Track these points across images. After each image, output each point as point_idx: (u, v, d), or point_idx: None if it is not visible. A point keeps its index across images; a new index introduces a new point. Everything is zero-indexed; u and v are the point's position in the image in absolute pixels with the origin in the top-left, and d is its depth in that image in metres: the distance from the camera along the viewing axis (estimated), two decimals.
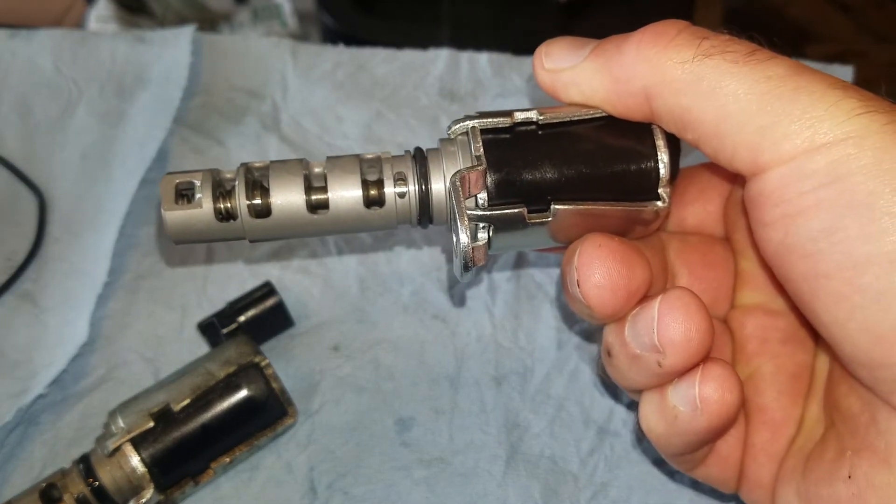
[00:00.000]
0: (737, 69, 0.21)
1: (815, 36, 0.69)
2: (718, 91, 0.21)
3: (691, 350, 0.22)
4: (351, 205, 0.25)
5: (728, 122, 0.21)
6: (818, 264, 0.20)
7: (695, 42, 0.22)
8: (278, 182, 0.25)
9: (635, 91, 0.23)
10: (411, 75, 0.46)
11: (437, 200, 0.25)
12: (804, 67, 0.21)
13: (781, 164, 0.20)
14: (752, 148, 0.21)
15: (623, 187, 0.24)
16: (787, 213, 0.20)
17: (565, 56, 0.24)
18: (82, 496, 0.29)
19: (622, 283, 0.23)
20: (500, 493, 0.32)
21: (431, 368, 0.35)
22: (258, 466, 0.33)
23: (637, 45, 0.23)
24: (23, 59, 0.46)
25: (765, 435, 0.26)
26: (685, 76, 0.21)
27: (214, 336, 0.34)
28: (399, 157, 0.25)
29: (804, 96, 0.20)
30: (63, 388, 0.35)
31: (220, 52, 0.47)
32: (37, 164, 0.42)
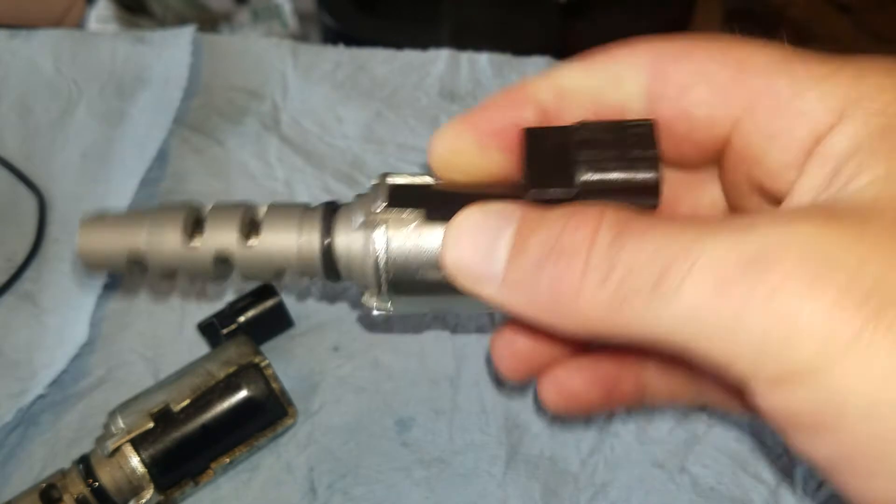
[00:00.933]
0: (655, 311, 0.16)
1: (816, 36, 0.69)
2: (655, 333, 0.17)
3: (515, 371, 0.25)
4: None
5: (684, 356, 0.17)
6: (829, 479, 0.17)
7: (599, 284, 0.17)
8: (165, 227, 0.23)
9: (573, 331, 0.19)
10: (411, 75, 0.46)
11: (341, 256, 0.23)
12: (731, 275, 0.16)
13: (761, 396, 0.17)
14: (727, 376, 0.17)
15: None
16: (790, 432, 0.17)
17: (478, 263, 0.19)
18: (82, 497, 0.29)
19: (522, 369, 0.25)
20: (500, 494, 0.32)
21: (431, 369, 0.35)
22: (258, 467, 0.33)
23: (549, 283, 0.18)
24: (23, 60, 0.46)
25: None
26: (612, 322, 0.18)
27: (214, 336, 0.34)
28: (310, 211, 0.24)
29: (751, 320, 0.15)
30: (63, 388, 0.35)
31: (220, 53, 0.47)
32: (37, 165, 0.43)
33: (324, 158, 0.43)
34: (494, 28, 0.67)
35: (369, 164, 0.42)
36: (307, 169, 0.42)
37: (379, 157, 0.43)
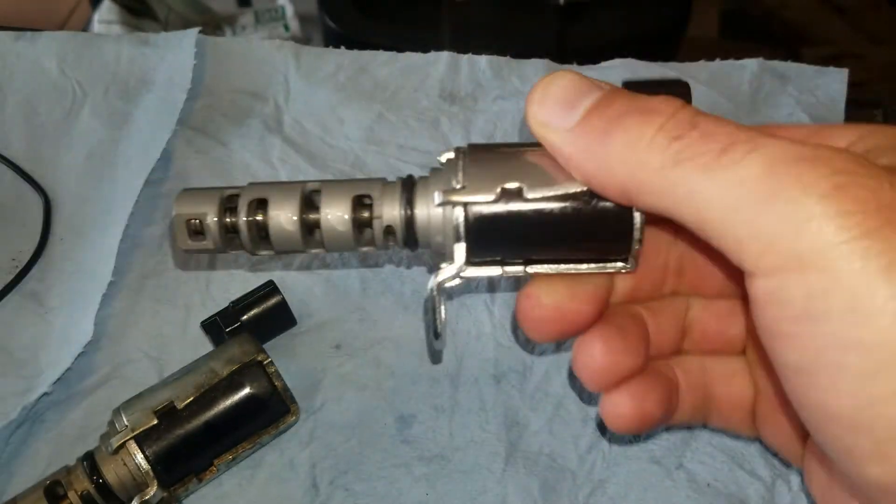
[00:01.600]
0: (708, 176, 0.19)
1: (811, 38, 0.70)
2: (692, 199, 0.20)
3: (597, 380, 0.26)
4: (342, 226, 0.26)
5: (707, 228, 0.20)
6: (797, 395, 0.20)
7: (665, 145, 0.20)
8: (276, 203, 0.26)
9: (615, 185, 0.22)
10: (412, 78, 0.46)
11: (421, 227, 0.26)
12: (784, 160, 0.18)
13: (762, 278, 0.19)
14: (736, 256, 0.20)
15: (596, 252, 0.25)
16: (770, 333, 0.20)
17: (557, 112, 0.23)
18: (87, 493, 0.29)
19: (549, 328, 0.26)
20: (500, 490, 0.32)
21: (432, 367, 0.36)
22: (261, 464, 0.33)
23: (622, 138, 0.21)
24: (28, 62, 0.47)
25: (768, 408, 0.27)
26: (660, 182, 0.20)
27: (218, 335, 0.35)
28: (390, 185, 0.27)
29: (779, 206, 0.18)
30: (68, 386, 0.35)
31: (223, 55, 0.47)
32: (42, 166, 0.43)
33: (326, 159, 0.43)
34: (494, 30, 0.68)
35: (370, 165, 0.43)
36: (309, 170, 0.42)
37: (380, 157, 0.43)
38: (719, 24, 0.70)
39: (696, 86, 0.45)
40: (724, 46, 0.53)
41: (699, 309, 0.29)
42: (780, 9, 0.72)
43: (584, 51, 0.62)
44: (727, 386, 0.28)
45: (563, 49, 0.67)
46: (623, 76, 0.46)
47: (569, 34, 0.66)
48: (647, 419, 0.26)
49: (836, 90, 0.45)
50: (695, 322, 0.29)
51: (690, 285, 0.29)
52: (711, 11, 0.70)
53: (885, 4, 0.71)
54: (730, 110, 0.45)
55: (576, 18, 0.67)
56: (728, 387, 0.28)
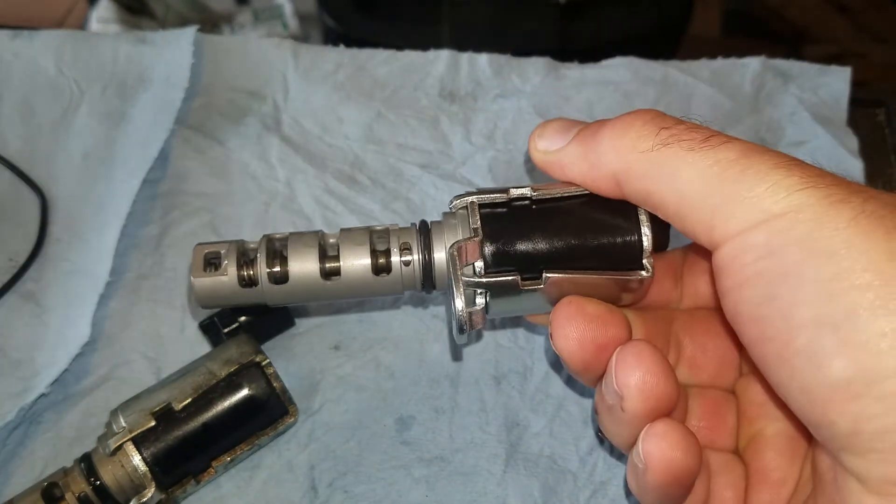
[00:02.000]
0: (691, 156, 0.23)
1: (814, 37, 0.70)
2: (675, 176, 0.23)
3: (646, 391, 0.24)
4: (361, 272, 0.27)
5: (685, 203, 0.23)
6: (762, 329, 0.22)
7: (655, 132, 0.24)
8: (296, 252, 0.28)
9: (606, 176, 0.25)
10: (411, 76, 0.46)
11: (439, 268, 0.27)
12: (755, 150, 0.22)
13: (729, 240, 0.22)
14: (707, 226, 0.23)
15: (610, 258, 0.26)
16: (735, 283, 0.22)
17: (554, 138, 0.27)
18: (84, 495, 0.29)
19: (589, 336, 0.26)
20: (500, 492, 0.32)
21: (431, 367, 0.36)
22: (259, 465, 0.33)
23: (609, 134, 0.25)
24: (25, 60, 0.46)
25: (765, 496, 0.27)
26: (646, 164, 0.24)
27: (215, 335, 0.34)
28: (405, 229, 0.28)
29: (750, 177, 0.22)
30: (65, 387, 0.35)
31: (221, 53, 0.47)
32: (39, 165, 0.43)
33: (325, 159, 0.43)
34: (494, 28, 0.68)
35: (370, 165, 0.43)
36: (308, 169, 0.42)
37: (379, 157, 0.43)
38: (721, 23, 0.70)
39: (698, 84, 0.45)
40: (726, 45, 0.53)
41: (695, 397, 0.30)
42: (783, 7, 0.71)
43: (585, 49, 0.62)
44: (726, 477, 0.28)
45: (564, 48, 0.67)
46: (624, 75, 0.46)
47: (569, 32, 0.66)
48: (687, 471, 0.24)
49: (839, 89, 0.44)
50: (692, 413, 0.29)
51: (689, 365, 0.30)
52: (713, 10, 0.70)
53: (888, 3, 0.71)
54: (731, 109, 0.44)
55: (577, 17, 0.67)
56: (727, 478, 0.28)
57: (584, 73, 0.46)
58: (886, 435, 0.19)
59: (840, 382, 0.20)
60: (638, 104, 0.45)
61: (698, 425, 0.29)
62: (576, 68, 0.46)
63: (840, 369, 0.20)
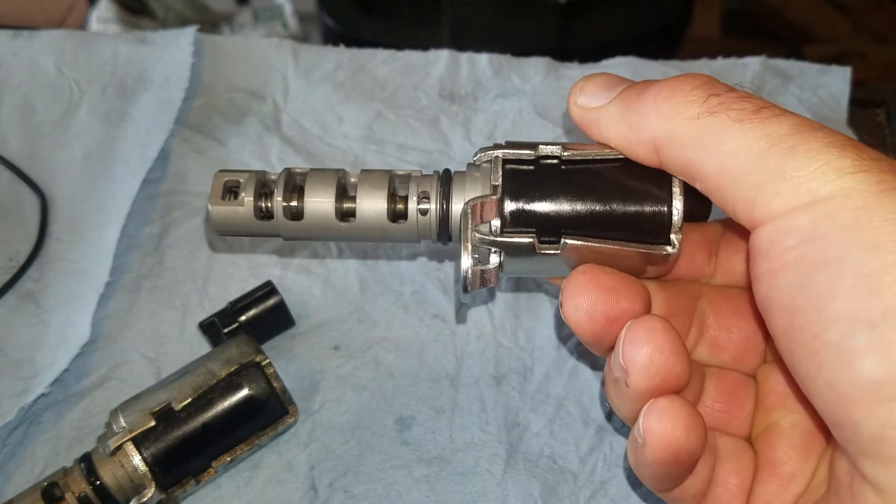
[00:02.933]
0: (739, 127, 0.21)
1: (814, 37, 0.70)
2: (719, 148, 0.22)
3: (652, 369, 0.23)
4: (376, 216, 0.27)
5: (727, 177, 0.22)
6: (794, 318, 0.20)
7: (703, 98, 0.22)
8: (313, 188, 0.27)
9: (645, 141, 0.24)
10: (411, 76, 0.46)
11: (456, 220, 0.26)
12: (809, 125, 0.21)
13: (771, 220, 0.21)
14: (748, 203, 0.21)
15: (635, 229, 0.25)
16: (771, 268, 0.21)
17: (596, 95, 0.26)
18: (84, 495, 0.29)
19: (600, 308, 0.24)
20: (500, 492, 0.32)
21: (431, 368, 0.36)
22: (259, 465, 0.33)
23: (654, 96, 0.23)
24: (25, 60, 0.46)
25: (771, 487, 0.26)
26: (690, 132, 0.22)
27: (216, 335, 0.34)
28: (427, 177, 0.27)
29: (800, 155, 0.20)
30: (65, 387, 0.35)
31: (221, 53, 0.47)
32: (39, 165, 0.43)
33: (324, 159, 0.43)
34: (494, 28, 0.68)
35: (370, 164, 0.43)
36: None
37: (379, 157, 0.43)
38: (721, 23, 0.70)
39: None
40: (726, 45, 0.53)
41: (714, 379, 0.29)
42: (783, 7, 0.71)
43: (585, 49, 0.62)
44: (733, 463, 0.27)
45: (564, 47, 0.67)
46: (624, 75, 0.46)
47: (570, 32, 0.66)
48: (688, 450, 0.24)
49: (839, 89, 0.44)
50: (707, 394, 0.28)
51: (710, 345, 0.29)
52: (714, 10, 0.70)
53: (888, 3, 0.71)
54: None
55: (577, 16, 0.67)
56: (734, 464, 0.27)
57: (584, 73, 0.46)
58: None
59: (870, 383, 0.19)
60: None
61: (712, 406, 0.28)
62: (576, 68, 0.46)
63: (871, 369, 0.19)
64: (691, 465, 0.25)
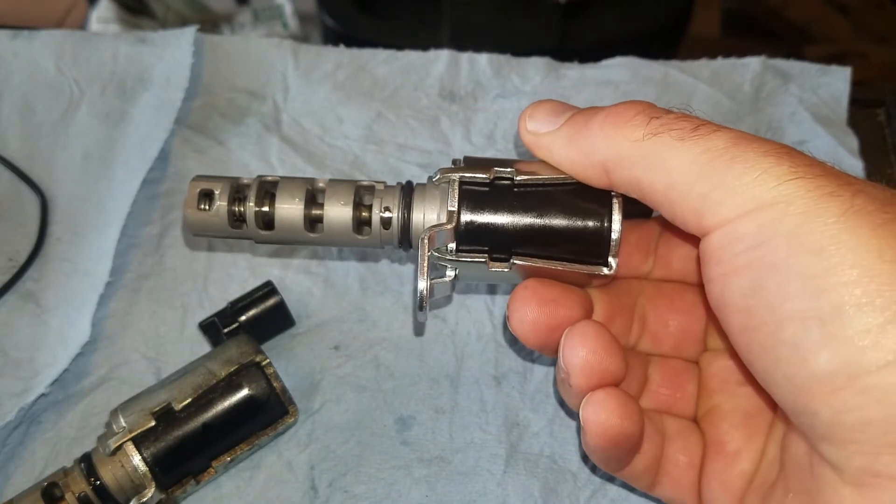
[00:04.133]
0: (681, 144, 0.23)
1: (814, 37, 0.70)
2: (665, 165, 0.23)
3: (588, 369, 0.26)
4: (342, 224, 0.29)
5: (675, 191, 0.23)
6: (748, 319, 0.22)
7: (646, 122, 0.24)
8: (284, 196, 0.29)
9: (595, 163, 0.25)
10: (411, 76, 0.46)
11: (416, 228, 0.29)
12: (744, 138, 0.23)
13: (719, 228, 0.22)
14: (696, 213, 0.23)
15: (578, 249, 0.27)
16: (723, 272, 0.23)
17: (545, 121, 0.27)
18: (84, 495, 0.29)
19: (542, 319, 0.27)
20: (500, 492, 0.32)
21: (432, 368, 0.36)
22: (259, 465, 0.33)
23: (601, 123, 0.25)
24: (25, 60, 0.46)
25: (718, 464, 0.28)
26: (637, 152, 0.24)
27: (216, 335, 0.34)
28: (390, 188, 0.29)
29: (739, 165, 0.22)
30: (65, 387, 0.35)
31: (221, 53, 0.47)
32: (39, 165, 0.43)
33: (324, 159, 0.43)
34: (494, 29, 0.68)
35: (370, 164, 0.43)
36: (308, 169, 0.42)
37: (379, 157, 0.43)
38: (721, 23, 0.70)
39: (698, 84, 0.45)
40: (726, 45, 0.53)
41: (657, 365, 0.31)
42: (783, 7, 0.71)
43: (585, 49, 0.62)
44: (681, 442, 0.29)
45: (564, 47, 0.67)
46: (624, 75, 0.46)
47: (569, 32, 0.66)
48: (625, 435, 0.26)
49: (839, 89, 0.44)
50: (652, 379, 0.31)
51: (651, 338, 0.31)
52: (713, 10, 0.70)
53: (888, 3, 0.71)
54: (731, 109, 0.44)
55: (577, 16, 0.67)
56: (683, 441, 0.29)
57: (584, 73, 0.46)
58: (866, 427, 0.20)
59: (824, 374, 0.20)
60: None
61: (658, 391, 0.30)
62: (576, 68, 0.46)
63: (825, 362, 0.20)
64: (633, 447, 0.27)
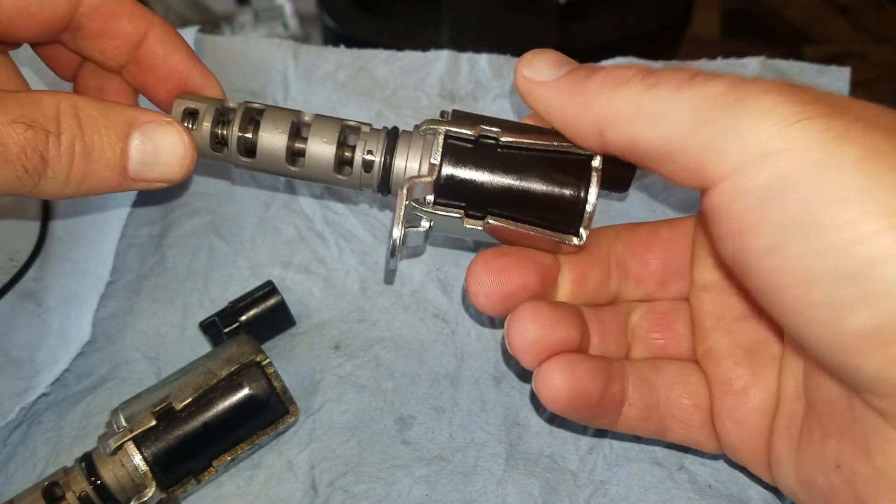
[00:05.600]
0: (678, 94, 0.22)
1: (814, 37, 0.70)
2: (662, 118, 0.22)
3: (534, 350, 0.27)
4: (324, 161, 0.29)
5: (674, 143, 0.22)
6: (770, 280, 0.21)
7: (643, 77, 0.23)
8: (268, 125, 0.29)
9: (590, 120, 0.25)
10: (411, 76, 0.46)
11: (397, 175, 0.29)
12: (744, 80, 0.21)
13: (724, 179, 0.21)
14: (699, 164, 0.22)
15: (551, 217, 0.28)
16: (734, 230, 0.21)
17: (544, 70, 0.26)
18: (84, 494, 0.29)
19: (494, 290, 0.28)
20: (500, 492, 0.32)
21: (432, 367, 0.36)
22: (260, 465, 0.33)
23: (599, 81, 0.24)
24: (26, 60, 0.46)
25: (728, 403, 0.28)
26: (633, 107, 0.23)
27: (216, 335, 0.35)
28: (375, 131, 0.29)
29: (741, 107, 0.21)
30: (66, 386, 0.35)
31: (221, 54, 0.47)
32: None
33: None
34: (494, 29, 0.68)
35: None
36: None
37: None
38: (721, 23, 0.70)
39: None
40: (725, 45, 0.53)
41: (643, 312, 0.31)
42: (782, 7, 0.71)
43: (585, 49, 0.62)
44: (683, 384, 0.29)
45: (564, 48, 0.67)
46: None
47: (569, 33, 0.66)
48: (581, 394, 0.27)
49: (839, 89, 0.45)
50: (640, 326, 0.31)
51: (634, 281, 0.31)
52: (713, 10, 0.70)
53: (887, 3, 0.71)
54: None
55: (576, 17, 0.67)
56: (684, 385, 0.29)
57: None
58: None
59: (865, 332, 0.19)
60: None
61: (647, 337, 0.30)
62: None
63: (865, 320, 0.19)
64: (596, 406, 0.28)
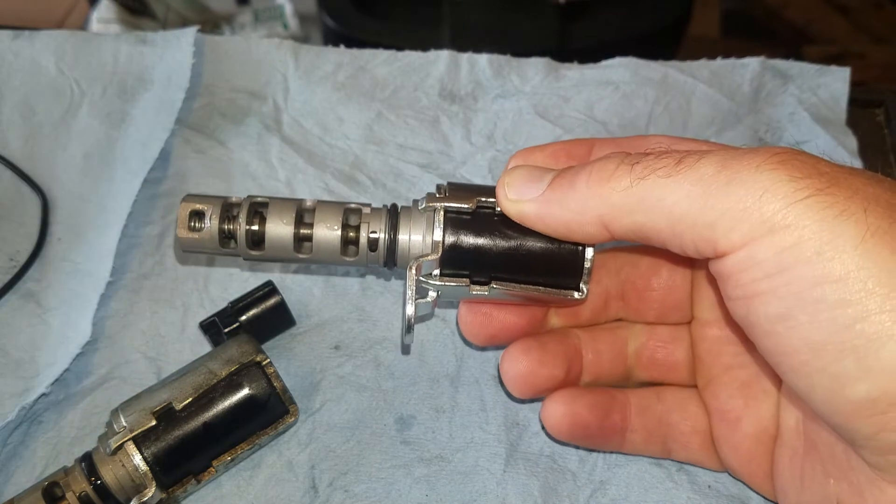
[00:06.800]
0: (671, 181, 0.23)
1: (814, 37, 0.70)
2: (662, 203, 0.23)
3: (526, 387, 0.30)
4: (331, 245, 0.30)
5: (681, 225, 0.23)
6: (777, 344, 0.22)
7: (629, 170, 0.24)
8: (274, 217, 0.30)
9: (592, 220, 0.26)
10: (412, 76, 0.46)
11: (401, 250, 0.30)
12: (732, 156, 0.22)
13: (735, 251, 0.22)
14: (709, 242, 0.23)
15: (552, 277, 0.29)
16: (745, 295, 0.23)
17: (526, 188, 0.27)
18: (85, 494, 0.29)
19: (478, 331, 0.31)
20: (500, 491, 0.32)
21: (432, 367, 0.36)
22: (260, 464, 0.33)
23: (586, 181, 0.25)
24: (26, 60, 0.46)
25: (723, 430, 0.30)
26: (630, 200, 0.24)
27: (216, 335, 0.35)
28: (376, 211, 0.30)
29: (737, 188, 0.22)
30: (66, 386, 0.35)
31: (221, 54, 0.47)
32: (40, 165, 0.43)
33: (325, 159, 0.43)
34: (494, 29, 0.68)
35: (370, 165, 0.43)
36: (308, 169, 0.42)
37: (379, 157, 0.43)
38: (721, 23, 0.70)
39: (698, 84, 0.45)
40: (725, 45, 0.53)
41: (644, 336, 0.32)
42: (782, 8, 0.71)
43: (585, 50, 0.62)
44: (681, 411, 0.31)
45: (564, 48, 0.67)
46: (624, 75, 0.46)
47: (569, 33, 0.66)
48: (579, 425, 0.30)
49: (838, 89, 0.45)
50: (641, 350, 0.32)
51: (634, 310, 0.32)
52: (713, 10, 0.70)
53: (887, 4, 0.71)
54: (731, 109, 0.44)
55: (576, 17, 0.67)
56: (682, 412, 0.31)
57: (584, 73, 0.46)
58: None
59: (864, 402, 0.20)
60: (638, 104, 0.45)
61: (647, 363, 0.32)
62: (575, 69, 0.46)
63: (864, 391, 0.20)
64: (598, 435, 0.30)
